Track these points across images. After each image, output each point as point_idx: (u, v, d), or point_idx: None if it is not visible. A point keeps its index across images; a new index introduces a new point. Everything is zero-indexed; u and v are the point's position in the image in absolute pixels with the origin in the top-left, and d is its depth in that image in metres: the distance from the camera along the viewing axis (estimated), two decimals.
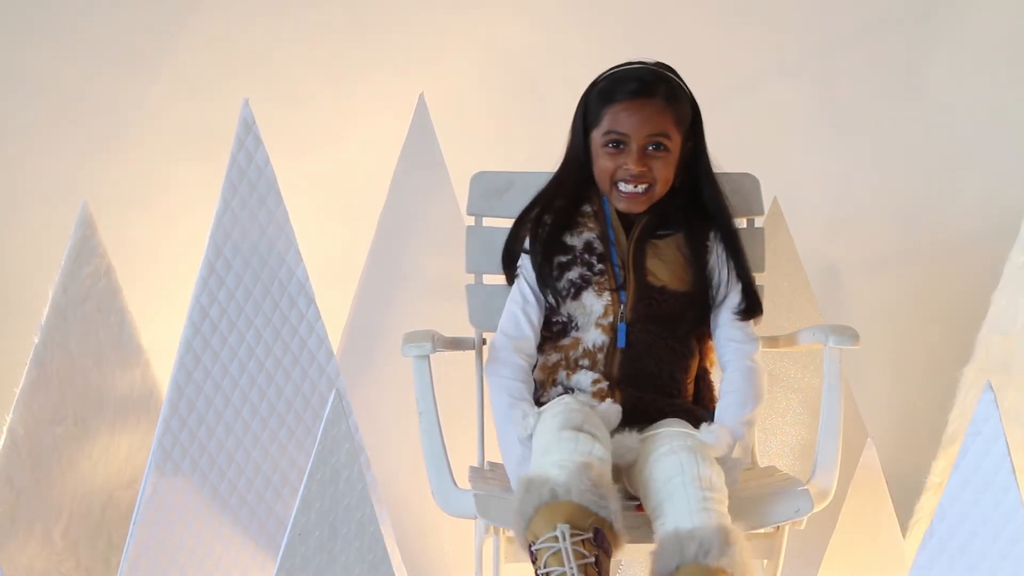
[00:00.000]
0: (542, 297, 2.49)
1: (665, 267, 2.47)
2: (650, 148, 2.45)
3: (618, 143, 2.46)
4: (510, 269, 2.54)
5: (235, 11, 3.54)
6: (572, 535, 2.11)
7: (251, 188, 2.75)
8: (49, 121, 3.51)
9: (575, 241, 2.49)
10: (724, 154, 2.59)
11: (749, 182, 2.65)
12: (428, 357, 2.41)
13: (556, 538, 2.11)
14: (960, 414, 3.02)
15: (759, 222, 2.66)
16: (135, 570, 2.69)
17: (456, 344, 2.58)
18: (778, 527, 2.36)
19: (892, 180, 3.55)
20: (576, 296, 2.46)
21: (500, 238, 2.57)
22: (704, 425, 2.33)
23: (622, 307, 2.45)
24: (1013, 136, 3.50)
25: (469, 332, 2.63)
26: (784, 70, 3.56)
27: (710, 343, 2.53)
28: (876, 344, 3.23)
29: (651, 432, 2.33)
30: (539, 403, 2.43)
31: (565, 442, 2.19)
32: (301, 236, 2.80)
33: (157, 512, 2.69)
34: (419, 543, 3.02)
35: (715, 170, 2.54)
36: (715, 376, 2.55)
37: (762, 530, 2.37)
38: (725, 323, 2.50)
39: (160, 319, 3.16)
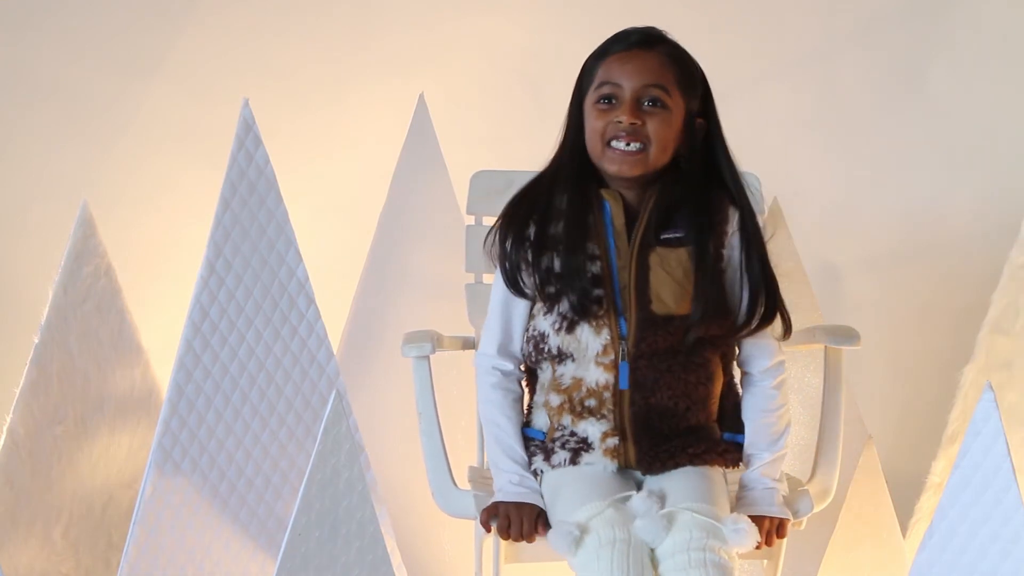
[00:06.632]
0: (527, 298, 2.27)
1: (672, 286, 2.19)
2: (646, 103, 2.20)
3: (610, 97, 2.20)
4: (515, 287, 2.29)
5: (235, 11, 3.54)
6: None
7: (251, 188, 2.75)
8: (49, 121, 3.51)
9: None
10: None
11: (750, 181, 2.63)
12: (428, 357, 2.41)
13: None
14: (960, 414, 3.02)
15: (759, 222, 2.65)
16: (135, 570, 2.69)
17: (456, 344, 2.58)
18: None
19: (892, 180, 3.54)
20: (570, 330, 2.20)
21: None
22: (732, 518, 2.13)
23: (623, 343, 2.18)
24: (1013, 136, 3.50)
25: (469, 332, 2.63)
26: (784, 70, 3.56)
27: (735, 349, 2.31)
28: (876, 344, 3.23)
29: (672, 512, 2.12)
30: (550, 438, 2.27)
31: None
32: (301, 236, 2.80)
33: (157, 512, 2.69)
34: (419, 543, 3.02)
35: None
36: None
37: None
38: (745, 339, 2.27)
39: (160, 319, 3.15)
